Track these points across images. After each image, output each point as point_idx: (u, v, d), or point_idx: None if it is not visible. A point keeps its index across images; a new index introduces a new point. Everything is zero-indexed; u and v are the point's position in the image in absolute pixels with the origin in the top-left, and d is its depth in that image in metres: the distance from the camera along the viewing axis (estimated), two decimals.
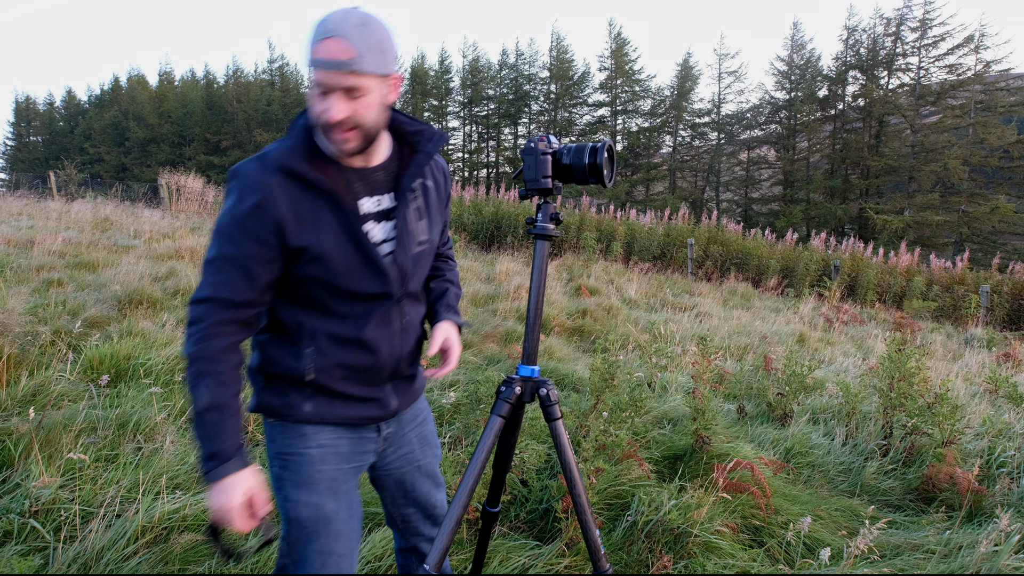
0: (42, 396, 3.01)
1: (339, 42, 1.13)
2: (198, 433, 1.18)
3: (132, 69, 54.93)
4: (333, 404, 1.32)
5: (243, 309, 1.22)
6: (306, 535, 1.30)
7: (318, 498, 1.31)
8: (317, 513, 1.30)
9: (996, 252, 16.34)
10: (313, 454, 1.31)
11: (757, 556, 2.36)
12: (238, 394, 1.22)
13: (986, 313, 10.59)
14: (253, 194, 1.19)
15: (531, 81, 35.05)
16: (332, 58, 1.13)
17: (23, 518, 2.05)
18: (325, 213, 1.23)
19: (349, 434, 1.36)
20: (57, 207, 12.53)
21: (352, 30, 1.14)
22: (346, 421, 1.34)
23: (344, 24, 1.14)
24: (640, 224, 13.54)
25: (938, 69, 26.85)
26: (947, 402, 3.30)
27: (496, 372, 4.29)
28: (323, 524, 1.30)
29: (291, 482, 1.31)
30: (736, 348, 6.04)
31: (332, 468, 1.33)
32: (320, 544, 1.31)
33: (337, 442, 1.34)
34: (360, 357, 1.31)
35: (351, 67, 1.14)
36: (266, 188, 1.19)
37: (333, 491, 1.33)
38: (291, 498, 1.30)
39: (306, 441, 1.31)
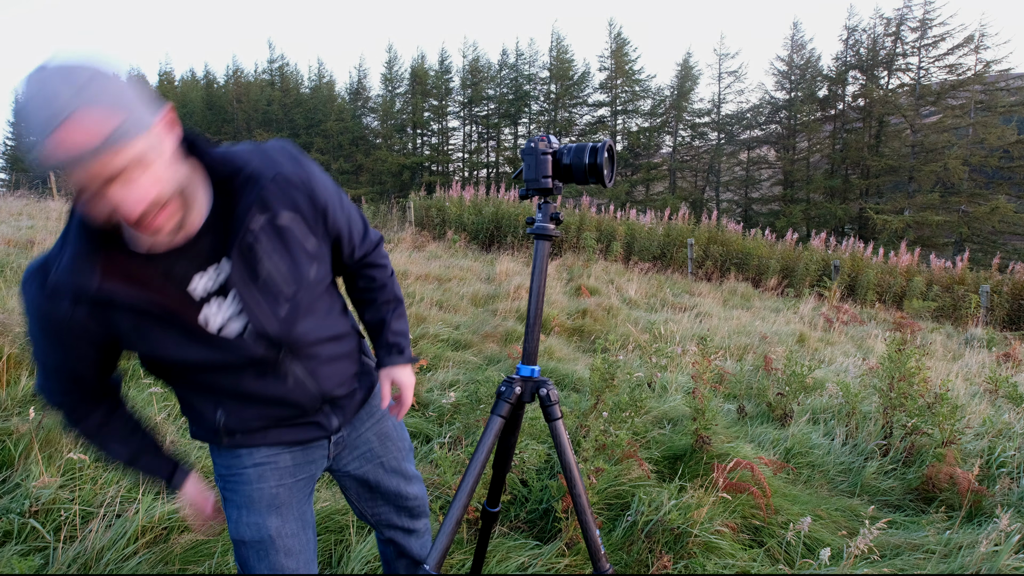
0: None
1: (79, 123, 0.82)
2: (140, 475, 1.26)
3: (132, 69, 54.90)
4: (266, 437, 1.24)
5: (91, 393, 1.16)
6: (255, 554, 1.27)
7: (259, 517, 1.26)
8: (260, 533, 1.26)
9: (996, 252, 16.34)
10: (250, 474, 1.25)
11: (757, 556, 2.36)
12: (145, 431, 1.26)
13: (986, 313, 10.59)
14: (47, 320, 1.00)
15: (531, 81, 35.05)
16: (85, 149, 0.82)
17: (23, 518, 2.05)
18: (147, 321, 1.03)
19: (291, 449, 1.28)
20: (57, 207, 12.53)
21: (89, 96, 0.83)
22: (282, 443, 1.26)
23: (73, 95, 0.82)
24: (640, 224, 13.54)
25: (938, 69, 26.87)
26: (947, 402, 3.30)
27: (496, 372, 4.29)
28: (268, 543, 1.27)
29: (233, 503, 1.28)
30: (736, 348, 6.04)
31: (273, 485, 1.27)
32: (271, 561, 1.27)
33: (276, 458, 1.26)
34: (274, 410, 1.21)
35: (116, 143, 0.84)
36: (62, 315, 0.99)
37: (275, 508, 1.27)
38: (233, 518, 1.28)
39: (241, 461, 1.25)
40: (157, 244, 1.01)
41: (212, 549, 2.06)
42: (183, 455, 1.19)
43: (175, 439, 2.76)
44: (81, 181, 0.85)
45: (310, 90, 39.37)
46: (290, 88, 39.06)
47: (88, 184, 0.85)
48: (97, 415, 1.18)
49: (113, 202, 0.87)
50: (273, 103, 37.80)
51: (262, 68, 40.60)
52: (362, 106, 37.80)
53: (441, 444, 3.01)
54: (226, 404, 1.18)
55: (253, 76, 40.34)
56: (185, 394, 1.21)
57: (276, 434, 1.25)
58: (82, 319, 1.00)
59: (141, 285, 1.01)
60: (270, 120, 37.55)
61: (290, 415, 1.23)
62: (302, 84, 39.88)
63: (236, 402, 1.18)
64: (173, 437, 2.76)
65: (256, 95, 38.19)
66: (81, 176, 0.84)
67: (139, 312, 1.02)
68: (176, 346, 1.06)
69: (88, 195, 0.87)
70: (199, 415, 1.21)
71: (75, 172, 0.84)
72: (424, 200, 15.31)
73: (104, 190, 0.87)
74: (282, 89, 38.91)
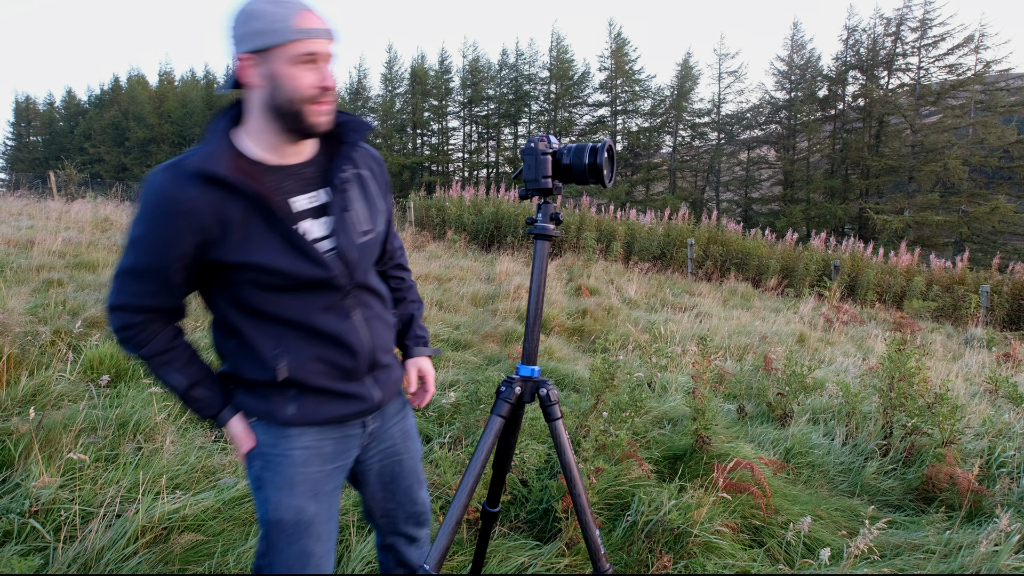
0: (42, 396, 3.01)
1: (314, 13, 1.15)
2: (189, 407, 1.27)
3: (132, 69, 54.91)
4: (317, 403, 1.29)
5: (169, 312, 1.24)
6: (286, 537, 1.28)
7: (300, 501, 1.28)
8: (299, 516, 1.28)
9: (996, 252, 16.33)
10: (296, 456, 1.29)
11: (757, 556, 2.36)
12: (202, 362, 1.30)
13: (986, 313, 10.59)
14: (171, 205, 1.12)
15: (531, 81, 35.05)
16: (323, 26, 1.15)
17: (23, 518, 2.05)
18: (255, 219, 1.17)
19: (334, 433, 1.33)
20: (57, 207, 12.53)
21: (311, 3, 1.17)
22: (331, 420, 1.31)
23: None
24: (640, 224, 13.54)
25: (938, 69, 26.87)
26: (947, 402, 3.29)
27: (496, 372, 4.29)
28: (304, 527, 1.29)
29: (272, 484, 1.28)
30: (736, 348, 6.04)
31: (315, 470, 1.30)
32: (301, 546, 1.29)
33: (321, 443, 1.31)
34: (332, 351, 1.28)
35: (332, 35, 1.18)
36: (185, 200, 1.12)
37: (314, 493, 1.30)
38: (272, 500, 1.28)
39: (290, 443, 1.28)
40: (293, 152, 1.25)
41: (212, 549, 2.06)
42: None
43: (175, 439, 2.76)
44: (313, 48, 1.14)
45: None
46: None
47: (315, 52, 1.15)
48: (164, 338, 1.23)
49: (322, 74, 1.17)
50: None
51: None
52: (362, 106, 37.78)
53: (441, 444, 3.01)
54: (288, 341, 1.24)
55: None
56: (251, 332, 1.24)
57: (327, 405, 1.30)
58: (202, 207, 1.13)
59: (259, 184, 1.18)
60: None
61: (343, 367, 1.29)
62: None
63: (299, 337, 1.25)
64: (173, 438, 2.76)
65: None
66: (313, 45, 1.14)
67: (251, 206, 1.16)
68: (272, 251, 1.18)
69: (304, 63, 1.15)
70: (257, 362, 1.25)
71: (310, 42, 1.14)
72: (424, 200, 15.31)
73: (314, 64, 1.16)
74: None
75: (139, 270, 1.17)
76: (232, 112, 1.23)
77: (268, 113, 1.19)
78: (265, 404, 1.27)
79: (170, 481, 2.38)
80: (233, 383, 1.32)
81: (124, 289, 1.19)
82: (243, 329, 1.24)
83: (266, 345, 1.24)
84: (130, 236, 1.17)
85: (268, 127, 1.20)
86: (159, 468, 2.44)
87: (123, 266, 1.18)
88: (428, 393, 1.55)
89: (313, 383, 1.27)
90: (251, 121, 1.22)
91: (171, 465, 2.51)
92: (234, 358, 1.28)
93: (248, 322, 1.24)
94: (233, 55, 1.18)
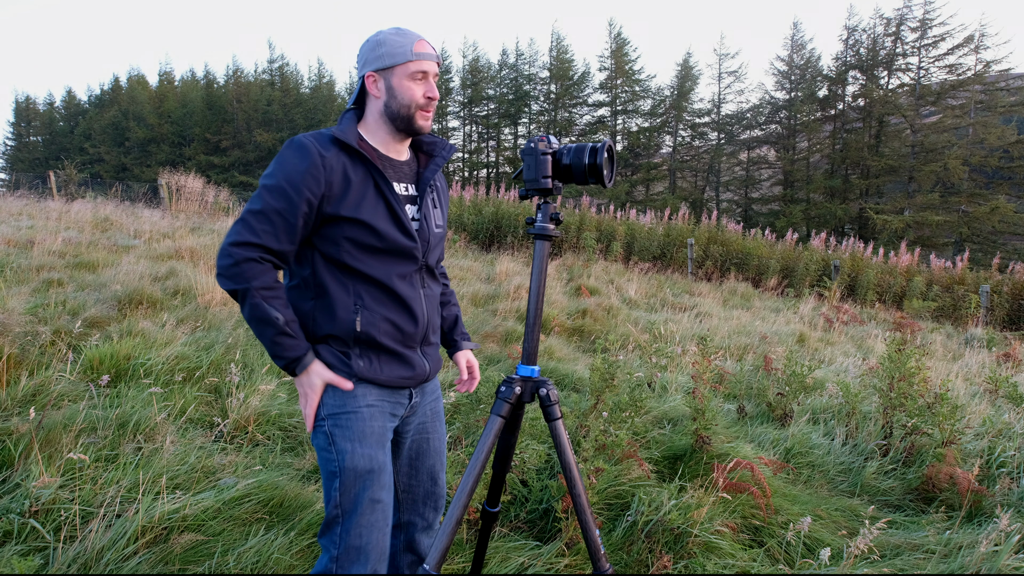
0: (42, 396, 3.01)
1: (427, 42, 1.48)
2: (279, 345, 1.38)
3: (132, 69, 54.98)
4: (381, 362, 1.47)
5: (280, 257, 1.40)
6: (360, 483, 1.41)
7: (371, 450, 1.43)
8: (371, 463, 1.42)
9: (996, 252, 16.34)
10: (364, 412, 1.45)
11: (757, 556, 2.36)
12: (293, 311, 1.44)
13: (986, 313, 10.59)
14: (310, 157, 1.37)
15: (531, 81, 35.05)
16: (434, 51, 1.48)
17: (23, 518, 2.05)
18: (369, 185, 1.44)
19: (389, 398, 1.50)
20: (57, 207, 12.53)
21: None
22: (391, 383, 1.48)
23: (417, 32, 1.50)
24: (640, 224, 13.54)
25: (938, 69, 26.87)
26: (947, 402, 3.30)
27: (496, 372, 4.29)
28: (376, 473, 1.43)
29: (344, 437, 1.43)
30: (736, 348, 6.04)
31: (379, 425, 1.47)
32: (372, 492, 1.42)
33: (381, 403, 1.49)
34: (399, 315, 1.48)
35: (439, 59, 1.51)
36: (323, 156, 1.38)
37: (382, 445, 1.47)
38: (347, 450, 1.42)
39: (357, 401, 1.45)
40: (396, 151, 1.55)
41: (212, 549, 2.06)
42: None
43: (175, 439, 2.76)
44: (426, 68, 1.47)
45: (310, 90, 39.38)
46: (290, 88, 39.06)
47: (428, 71, 1.47)
48: (272, 276, 1.39)
49: (427, 88, 1.48)
50: (273, 103, 37.79)
51: (262, 68, 40.63)
52: None
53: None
54: (365, 299, 1.45)
55: (253, 76, 40.34)
56: (335, 287, 1.44)
57: (389, 366, 1.49)
58: (334, 164, 1.40)
59: (377, 161, 1.47)
60: (270, 120, 37.55)
61: (404, 332, 1.50)
62: (302, 84, 39.89)
63: (375, 297, 1.46)
64: (173, 438, 2.76)
65: (256, 95, 38.17)
66: (427, 65, 1.47)
67: (368, 174, 1.44)
68: (378, 215, 1.43)
69: (417, 80, 1.47)
70: (337, 315, 1.43)
71: (425, 62, 1.46)
72: None
73: (425, 79, 1.48)
74: (282, 89, 38.91)
75: (270, 211, 1.36)
76: (355, 112, 1.53)
77: (383, 116, 1.49)
78: (336, 358, 1.44)
79: (170, 481, 2.38)
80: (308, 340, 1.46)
81: (250, 228, 1.35)
82: (328, 284, 1.44)
83: (347, 300, 1.43)
84: (266, 184, 1.38)
85: (382, 128, 1.51)
86: (159, 468, 2.44)
87: (253, 208, 1.37)
88: (475, 380, 1.78)
89: (381, 341, 1.46)
90: (369, 122, 1.52)
91: (171, 465, 2.51)
92: (313, 315, 1.45)
93: (335, 278, 1.44)
94: (362, 74, 1.50)
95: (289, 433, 3.16)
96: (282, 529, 2.20)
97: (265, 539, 2.12)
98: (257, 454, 2.84)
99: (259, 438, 3.04)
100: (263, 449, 2.93)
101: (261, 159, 37.09)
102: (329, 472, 1.44)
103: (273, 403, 3.30)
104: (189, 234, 9.58)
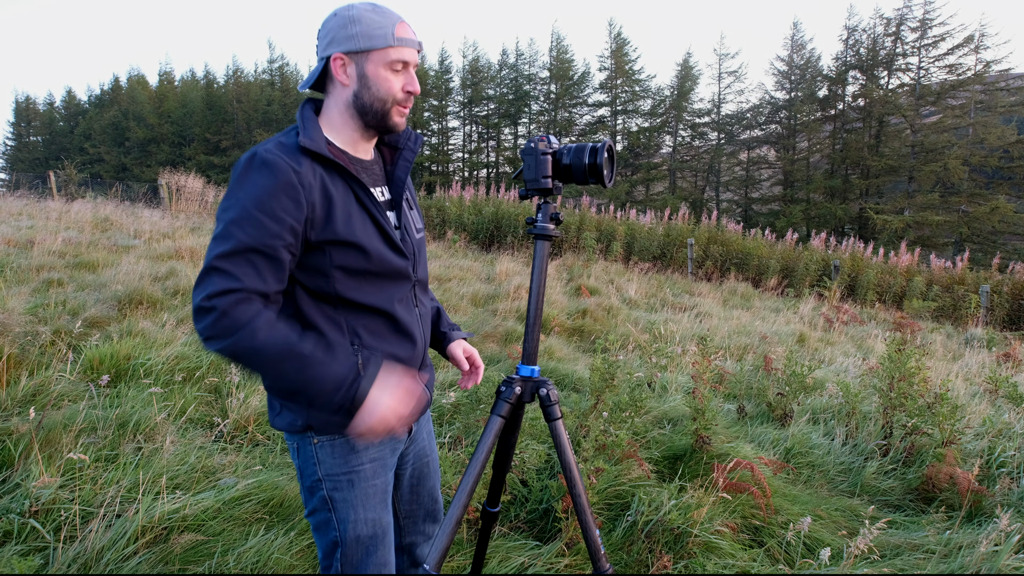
0: (42, 396, 3.01)
1: (409, 25, 1.26)
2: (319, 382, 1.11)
3: (132, 69, 54.98)
4: None
5: (270, 299, 1.16)
6: (365, 551, 1.30)
7: (375, 513, 1.31)
8: (375, 529, 1.31)
9: (996, 252, 16.33)
10: (367, 470, 1.30)
11: (757, 556, 2.36)
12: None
13: (986, 313, 10.59)
14: (282, 175, 1.12)
15: (531, 81, 35.03)
16: (415, 38, 1.26)
17: (23, 518, 2.05)
18: (352, 199, 1.22)
19: (390, 440, 1.35)
20: (57, 207, 12.53)
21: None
22: None
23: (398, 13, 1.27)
24: (640, 224, 13.54)
25: (938, 69, 26.85)
26: (947, 402, 3.29)
27: (496, 372, 4.30)
28: (381, 538, 1.32)
29: (346, 502, 1.28)
30: (736, 348, 6.04)
31: (382, 481, 1.33)
32: (378, 556, 1.31)
33: (383, 453, 1.33)
34: (400, 346, 1.31)
35: (421, 47, 1.28)
36: (297, 172, 1.14)
37: (385, 504, 1.34)
38: (349, 519, 1.28)
39: (359, 458, 1.29)
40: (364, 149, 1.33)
41: (212, 549, 2.06)
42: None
43: (175, 439, 2.76)
44: (405, 57, 1.23)
45: (310, 90, 39.33)
46: (290, 88, 39.02)
47: (407, 60, 1.24)
48: (274, 315, 1.13)
49: (407, 80, 1.26)
50: (273, 103, 37.77)
51: (262, 68, 40.61)
52: None
53: (441, 444, 3.01)
54: (364, 336, 1.25)
55: (253, 76, 40.32)
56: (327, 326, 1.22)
57: None
58: (311, 181, 1.16)
59: (352, 168, 1.25)
60: (270, 120, 37.52)
61: (407, 353, 1.32)
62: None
63: (373, 330, 1.26)
64: (173, 438, 2.76)
65: (256, 95, 38.16)
66: (406, 54, 1.23)
67: (348, 187, 1.23)
68: (368, 233, 1.23)
69: (394, 69, 1.23)
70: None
71: (404, 50, 1.23)
72: (424, 200, 15.31)
73: (406, 70, 1.25)
74: (282, 89, 38.88)
75: (243, 249, 1.09)
76: (313, 105, 1.30)
77: (351, 110, 1.26)
78: (335, 413, 1.17)
79: (170, 481, 2.38)
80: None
81: (225, 275, 1.08)
82: (318, 324, 1.22)
83: (342, 341, 1.22)
84: (231, 218, 1.11)
85: (348, 123, 1.27)
86: (159, 468, 2.44)
87: (222, 251, 1.09)
88: (479, 370, 1.56)
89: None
90: (332, 116, 1.28)
91: (171, 465, 2.51)
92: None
93: (324, 315, 1.23)
94: (326, 54, 1.23)
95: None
96: (282, 529, 2.20)
97: (265, 539, 2.12)
98: (257, 454, 2.84)
99: (259, 438, 3.04)
100: (263, 449, 2.93)
101: None
102: (330, 541, 1.29)
103: None
104: (189, 234, 9.58)
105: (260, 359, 1.08)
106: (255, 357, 1.08)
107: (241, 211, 1.11)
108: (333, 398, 1.12)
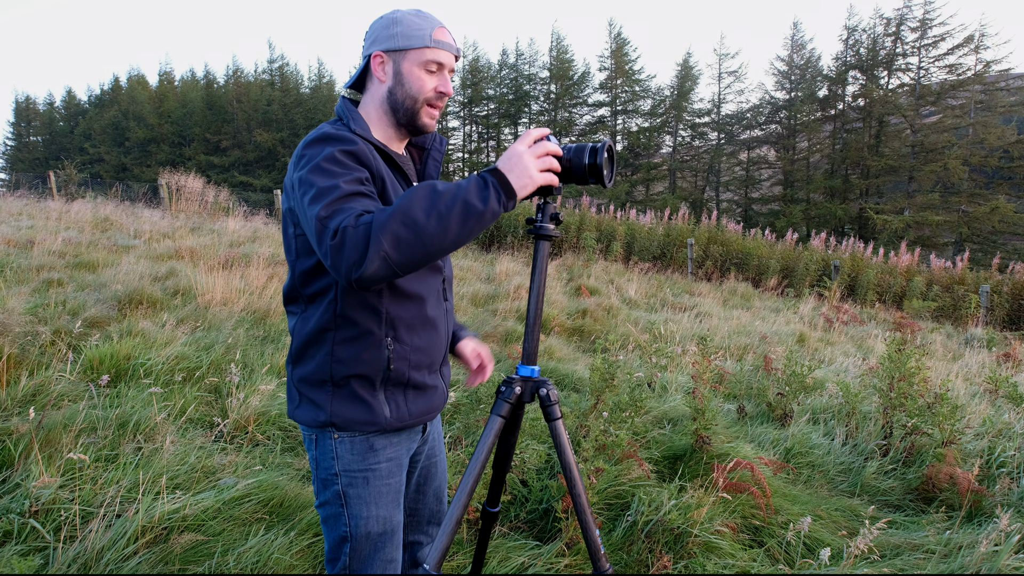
0: (42, 396, 3.01)
1: (448, 31, 1.32)
2: (464, 188, 1.10)
3: (132, 69, 54.95)
4: (408, 401, 1.32)
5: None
6: (373, 547, 1.32)
7: (387, 511, 1.33)
8: (386, 526, 1.33)
9: (996, 252, 16.34)
10: (383, 468, 1.32)
11: (757, 556, 2.36)
12: None
13: (986, 313, 10.59)
14: (351, 145, 1.20)
15: (531, 81, 35.04)
16: (454, 43, 1.33)
17: (23, 518, 2.05)
18: (399, 186, 1.30)
19: (407, 440, 1.38)
20: (57, 207, 12.53)
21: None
22: (418, 419, 1.35)
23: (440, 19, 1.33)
24: (640, 224, 13.55)
25: (938, 69, 26.86)
26: (947, 402, 3.29)
27: (496, 372, 4.30)
28: (390, 535, 1.34)
29: (359, 499, 1.30)
30: (736, 348, 6.04)
31: (396, 480, 1.36)
32: (385, 553, 1.34)
33: (399, 453, 1.36)
34: (429, 340, 1.34)
35: (459, 52, 1.34)
36: (359, 144, 1.22)
37: (397, 502, 1.36)
38: (361, 515, 1.30)
39: (377, 456, 1.31)
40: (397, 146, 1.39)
41: (212, 549, 2.06)
42: None
43: (175, 439, 2.76)
44: (441, 59, 1.30)
45: (310, 90, 39.33)
46: (290, 88, 39.04)
47: (442, 62, 1.30)
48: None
49: (440, 81, 1.31)
50: (273, 103, 37.77)
51: (262, 68, 40.58)
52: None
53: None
54: (397, 329, 1.28)
55: (253, 76, 40.31)
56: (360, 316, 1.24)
57: (415, 400, 1.34)
58: (369, 156, 1.23)
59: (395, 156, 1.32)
60: (270, 120, 37.52)
61: (431, 356, 1.36)
62: (302, 84, 39.84)
63: (411, 322, 1.29)
64: (173, 438, 2.76)
65: (256, 95, 38.15)
66: (443, 56, 1.30)
67: (393, 176, 1.30)
68: None
69: (429, 70, 1.30)
70: (365, 350, 1.25)
71: (441, 52, 1.30)
72: None
73: (440, 72, 1.31)
74: (282, 89, 38.89)
75: (344, 195, 1.11)
76: (350, 102, 1.36)
77: (385, 106, 1.32)
78: (361, 408, 1.26)
79: (170, 481, 2.38)
80: (322, 386, 1.28)
81: (337, 211, 1.08)
82: (355, 315, 1.24)
83: (379, 333, 1.26)
84: (318, 165, 1.15)
85: (383, 119, 1.34)
86: (159, 468, 2.44)
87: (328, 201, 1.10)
88: (488, 366, 1.59)
89: (410, 376, 1.32)
90: (369, 112, 1.35)
91: (171, 465, 2.51)
92: (332, 352, 1.25)
93: (365, 305, 1.24)
94: (368, 52, 1.32)
95: (289, 433, 3.15)
96: (282, 529, 2.20)
97: (265, 539, 2.12)
98: (257, 454, 2.85)
99: (259, 438, 3.04)
100: (263, 449, 2.93)
101: (261, 159, 37.09)
102: (338, 535, 1.32)
103: (273, 403, 3.29)
104: (189, 234, 9.58)
105: (406, 219, 1.05)
106: (404, 228, 1.05)
107: (321, 162, 1.16)
108: (486, 191, 1.11)
